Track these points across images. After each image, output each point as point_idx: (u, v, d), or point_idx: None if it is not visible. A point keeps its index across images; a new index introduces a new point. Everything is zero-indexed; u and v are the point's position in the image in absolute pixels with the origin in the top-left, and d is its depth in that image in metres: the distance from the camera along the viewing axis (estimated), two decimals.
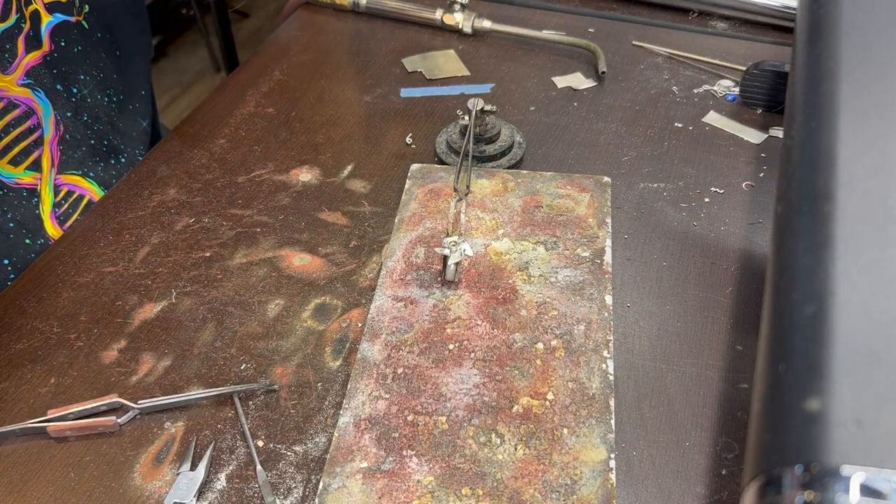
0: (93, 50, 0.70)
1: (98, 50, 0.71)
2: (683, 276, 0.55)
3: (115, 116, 0.74)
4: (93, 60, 0.70)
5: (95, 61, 0.70)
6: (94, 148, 0.71)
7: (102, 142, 0.72)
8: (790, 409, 0.30)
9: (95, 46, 0.70)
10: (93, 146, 0.70)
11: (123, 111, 0.76)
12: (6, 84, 0.62)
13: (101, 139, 0.71)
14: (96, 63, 0.70)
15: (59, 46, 0.66)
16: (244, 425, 0.46)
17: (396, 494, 0.42)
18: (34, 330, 0.53)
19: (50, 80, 0.66)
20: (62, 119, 0.66)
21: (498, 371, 0.48)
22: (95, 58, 0.70)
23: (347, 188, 0.64)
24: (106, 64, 0.72)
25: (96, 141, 0.71)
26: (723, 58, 0.78)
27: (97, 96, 0.70)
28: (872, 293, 0.32)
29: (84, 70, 0.69)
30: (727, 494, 0.43)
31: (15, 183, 0.63)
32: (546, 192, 0.61)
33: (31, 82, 0.64)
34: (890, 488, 0.26)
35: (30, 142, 0.64)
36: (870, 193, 0.36)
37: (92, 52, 0.70)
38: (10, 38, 0.62)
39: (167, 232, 0.60)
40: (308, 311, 0.54)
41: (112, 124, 0.73)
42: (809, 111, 0.43)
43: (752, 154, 0.66)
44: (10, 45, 0.62)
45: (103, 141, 0.72)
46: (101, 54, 0.71)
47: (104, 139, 0.72)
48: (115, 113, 0.74)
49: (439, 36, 0.84)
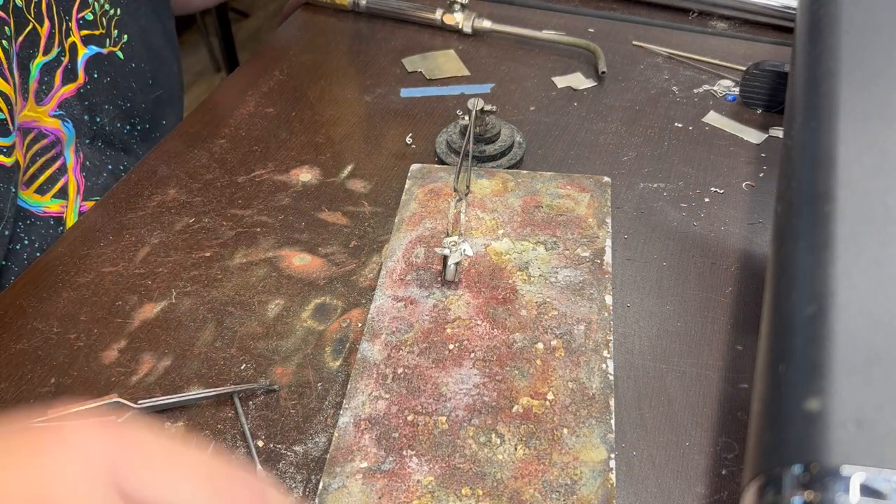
0: (123, 80, 0.70)
1: (129, 80, 0.71)
2: (683, 276, 0.55)
3: (133, 144, 0.74)
4: (121, 91, 0.70)
5: (124, 91, 0.70)
6: (113, 173, 0.71)
7: (119, 167, 0.72)
8: (790, 409, 0.30)
9: (127, 77, 0.70)
10: (112, 171, 0.71)
11: (146, 139, 0.76)
12: (39, 115, 0.62)
13: (118, 164, 0.72)
14: (124, 93, 0.71)
15: (92, 78, 0.67)
16: (244, 425, 0.46)
17: (396, 494, 0.42)
18: (34, 330, 0.53)
19: (79, 111, 0.66)
20: (81, 146, 0.67)
21: (498, 371, 0.48)
22: (125, 88, 0.70)
23: (347, 188, 0.64)
24: (135, 94, 0.72)
25: (114, 166, 0.71)
26: (723, 58, 0.78)
27: (117, 125, 0.71)
28: (872, 293, 0.32)
29: (110, 100, 0.69)
30: (727, 494, 0.43)
31: (42, 212, 0.63)
32: (546, 192, 0.61)
33: (62, 113, 0.64)
34: (890, 488, 0.26)
35: (54, 169, 0.64)
36: (870, 193, 0.36)
37: (122, 83, 0.70)
38: (50, 72, 0.63)
39: (167, 232, 0.60)
40: (308, 311, 0.54)
41: (126, 150, 0.73)
42: (809, 111, 0.43)
43: (752, 154, 0.66)
44: (48, 78, 0.62)
45: (119, 166, 0.72)
46: (131, 84, 0.71)
47: (120, 164, 0.72)
48: (136, 141, 0.74)
49: (439, 36, 0.84)
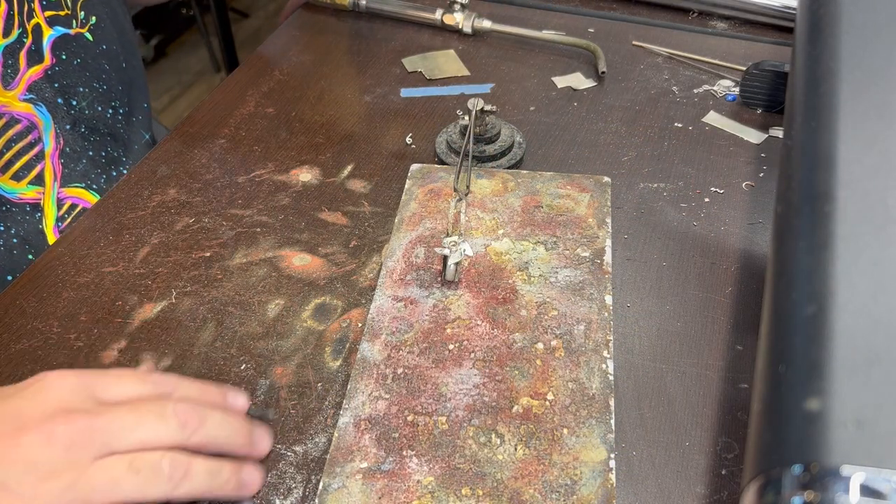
0: (94, 62, 0.69)
1: (101, 62, 0.70)
2: (683, 276, 0.55)
3: (119, 128, 0.73)
4: (94, 73, 0.70)
5: (97, 73, 0.70)
6: (93, 160, 0.70)
7: (101, 153, 0.71)
8: (790, 409, 0.30)
9: (98, 58, 0.70)
10: (92, 157, 0.70)
11: (129, 123, 0.75)
12: (8, 100, 0.62)
13: (100, 150, 0.71)
14: (98, 75, 0.70)
15: (60, 60, 0.66)
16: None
17: (396, 494, 0.42)
18: (34, 330, 0.53)
19: (51, 94, 0.65)
20: (61, 132, 0.66)
21: (498, 371, 0.48)
22: (97, 70, 0.70)
23: (347, 188, 0.64)
24: (110, 76, 0.71)
25: (95, 152, 0.71)
26: (723, 58, 0.78)
27: (97, 108, 0.70)
28: (872, 293, 0.32)
29: (84, 82, 0.68)
30: (727, 494, 0.43)
31: (18, 198, 0.62)
32: (546, 192, 0.61)
33: (32, 97, 0.64)
34: (890, 488, 0.26)
35: (31, 156, 0.64)
36: (870, 193, 0.36)
37: (93, 65, 0.69)
38: (13, 54, 0.62)
39: (167, 232, 0.60)
40: (308, 311, 0.54)
41: (113, 135, 0.73)
42: (809, 111, 0.43)
43: (752, 154, 0.66)
44: (12, 61, 0.62)
45: (101, 152, 0.71)
46: (104, 66, 0.70)
47: (102, 150, 0.72)
48: (121, 125, 0.74)
49: (439, 36, 0.84)
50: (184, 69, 2.27)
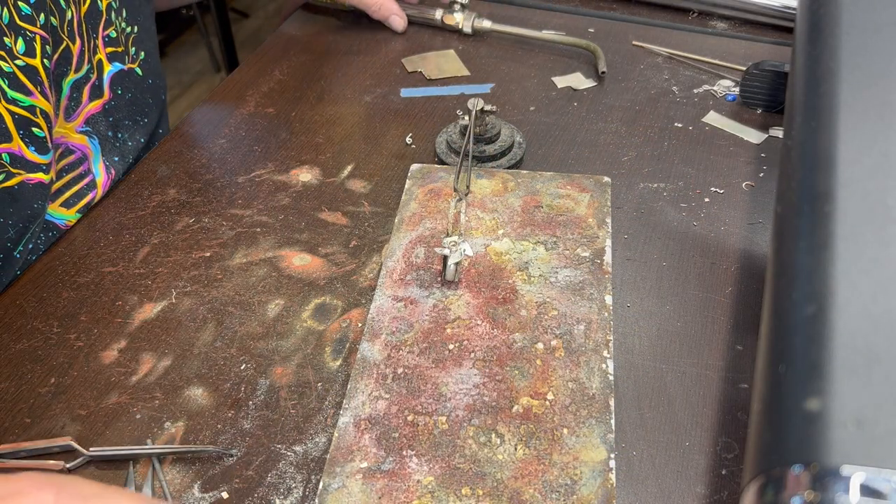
0: (142, 96, 0.71)
1: (147, 97, 0.72)
2: (683, 276, 0.55)
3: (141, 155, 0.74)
4: (139, 107, 0.71)
5: (142, 108, 0.71)
6: None
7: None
8: (790, 409, 0.30)
9: (145, 93, 0.71)
10: None
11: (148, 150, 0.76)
12: (67, 131, 0.63)
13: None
14: (143, 109, 0.71)
15: (116, 94, 0.68)
16: (163, 482, 0.44)
17: (396, 494, 0.42)
18: (34, 330, 0.53)
19: (105, 128, 0.67)
20: (111, 164, 0.67)
21: (498, 371, 0.48)
22: (143, 104, 0.71)
23: (347, 188, 0.64)
24: (151, 109, 0.73)
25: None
26: (723, 58, 0.78)
27: (138, 139, 0.71)
28: (872, 293, 0.32)
29: (130, 116, 0.70)
30: (727, 494, 0.43)
31: (66, 225, 0.63)
32: (546, 192, 0.61)
33: (88, 129, 0.65)
34: (890, 488, 0.26)
35: (82, 186, 0.65)
36: (870, 193, 0.36)
37: (141, 99, 0.71)
38: (78, 88, 0.63)
39: (167, 232, 0.60)
40: (308, 311, 0.54)
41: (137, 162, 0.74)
42: (809, 111, 0.43)
43: (752, 154, 0.66)
44: (76, 94, 0.63)
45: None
46: (148, 100, 0.72)
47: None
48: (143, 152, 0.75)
49: (439, 36, 0.84)
50: (184, 69, 2.27)
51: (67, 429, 0.47)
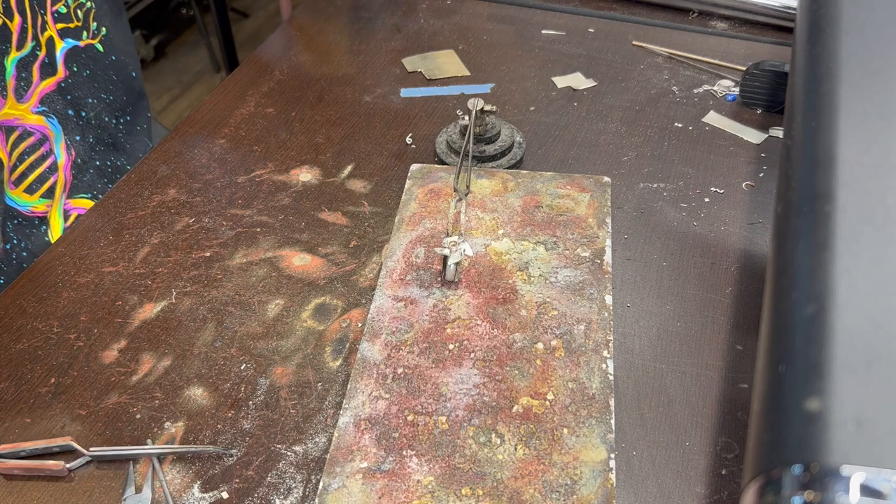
0: (103, 73, 0.70)
1: (110, 73, 0.71)
2: (683, 276, 0.55)
3: (121, 137, 0.74)
4: (102, 84, 0.70)
5: (105, 84, 0.70)
6: (100, 169, 0.71)
7: (106, 162, 0.72)
8: (790, 409, 0.30)
9: (107, 69, 0.70)
10: (98, 167, 0.71)
11: (131, 132, 0.76)
12: (21, 112, 0.62)
13: (105, 160, 0.72)
14: (106, 86, 0.70)
15: (72, 72, 0.67)
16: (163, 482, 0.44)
17: (396, 494, 0.42)
18: (34, 330, 0.53)
19: (63, 106, 0.66)
20: (72, 143, 0.67)
21: (498, 371, 0.48)
22: (105, 81, 0.70)
23: (347, 188, 0.64)
24: (117, 86, 0.72)
25: (101, 162, 0.71)
26: (723, 58, 0.78)
27: (104, 118, 0.71)
28: (872, 293, 0.32)
29: (93, 93, 0.69)
30: (727, 494, 0.43)
31: (30, 212, 0.63)
32: (546, 192, 0.61)
33: (45, 109, 0.64)
34: (890, 488, 0.26)
35: (44, 169, 0.64)
36: (870, 193, 0.36)
37: (102, 76, 0.70)
38: (26, 67, 0.62)
39: (167, 232, 0.60)
40: (308, 311, 0.54)
41: (115, 145, 0.73)
42: (809, 111, 0.43)
43: (752, 154, 0.66)
44: (25, 74, 0.62)
45: (107, 161, 0.72)
46: (112, 76, 0.71)
47: (108, 160, 0.72)
48: (123, 134, 0.74)
49: (439, 36, 0.84)
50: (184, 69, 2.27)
51: (67, 429, 0.47)
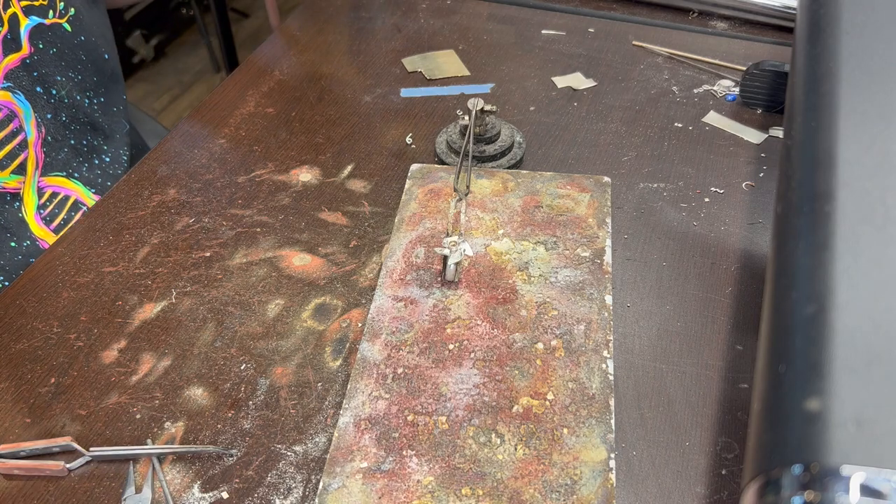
0: (71, 52, 0.70)
1: (78, 52, 0.71)
2: (683, 276, 0.55)
3: (98, 117, 0.74)
4: (70, 62, 0.70)
5: (73, 63, 0.71)
6: (75, 148, 0.71)
7: (82, 142, 0.72)
8: (790, 409, 0.30)
9: (76, 49, 0.70)
10: (74, 146, 0.71)
11: (107, 112, 0.76)
12: None
13: (81, 139, 0.72)
14: (74, 65, 0.71)
15: (38, 49, 0.67)
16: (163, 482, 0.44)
17: (396, 494, 0.42)
18: (34, 330, 0.53)
19: (29, 83, 0.66)
20: (42, 121, 0.67)
21: (498, 371, 0.48)
22: (73, 60, 0.70)
23: (347, 188, 0.64)
24: (86, 66, 0.72)
25: (76, 141, 0.71)
26: (723, 58, 0.78)
27: (76, 97, 0.71)
28: (872, 293, 0.32)
29: (60, 71, 0.69)
30: (727, 494, 0.43)
31: (1, 188, 0.63)
32: (546, 192, 0.61)
33: (10, 85, 0.64)
34: (890, 488, 0.26)
35: (14, 145, 0.64)
36: (870, 193, 0.36)
37: (70, 55, 0.70)
38: None
39: (167, 232, 0.60)
40: (308, 311, 0.54)
41: (92, 124, 0.73)
42: (809, 111, 0.43)
43: (752, 154, 0.66)
44: None
45: (83, 141, 0.72)
46: (81, 56, 0.71)
47: (83, 139, 0.72)
48: (99, 114, 0.74)
49: (439, 36, 0.84)
50: (184, 69, 2.27)
51: (67, 429, 0.47)
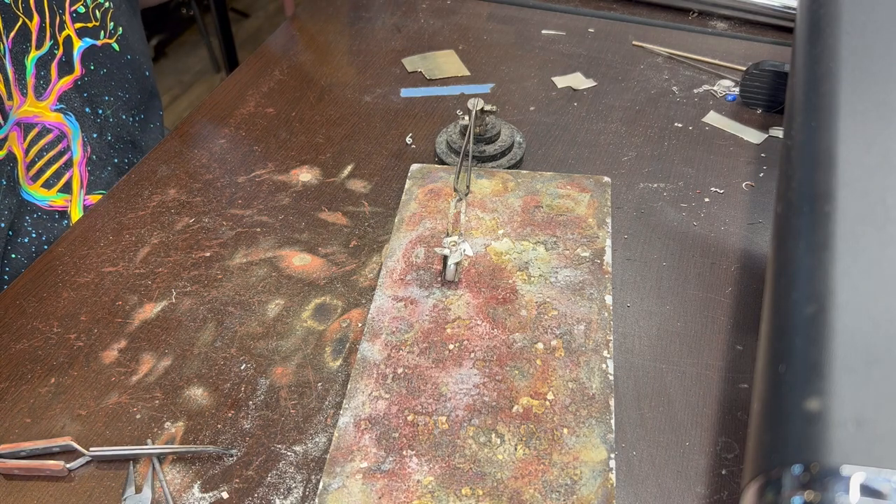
0: (119, 72, 0.71)
1: (125, 72, 0.72)
2: (683, 276, 0.55)
3: (137, 135, 0.75)
4: (118, 82, 0.71)
5: (121, 83, 0.72)
6: (118, 167, 0.73)
7: (124, 160, 0.73)
8: (790, 409, 0.30)
9: (123, 68, 0.72)
10: (116, 165, 0.72)
11: (145, 130, 0.77)
12: (40, 110, 0.64)
13: (123, 157, 0.73)
14: (122, 84, 0.72)
15: (89, 70, 0.68)
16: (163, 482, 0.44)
17: (396, 494, 0.42)
18: (34, 330, 0.53)
19: (80, 104, 0.67)
20: (89, 140, 0.68)
21: (498, 371, 0.48)
22: (121, 79, 0.72)
23: (347, 188, 0.64)
24: (132, 85, 0.73)
25: (119, 160, 0.73)
26: (723, 58, 0.78)
27: (121, 116, 0.72)
28: (872, 293, 0.32)
29: (109, 91, 0.70)
30: (727, 494, 0.43)
31: (48, 206, 0.64)
32: (546, 192, 0.61)
33: (63, 107, 0.66)
34: (890, 488, 0.26)
35: (60, 164, 0.65)
36: (870, 193, 0.36)
37: (118, 74, 0.71)
38: (44, 65, 0.64)
39: (167, 232, 0.60)
40: (308, 311, 0.54)
41: (134, 143, 0.75)
42: (809, 111, 0.43)
43: (752, 154, 0.66)
44: (44, 72, 0.64)
45: (124, 159, 0.74)
46: (127, 76, 0.72)
47: (125, 157, 0.74)
48: (138, 132, 0.75)
49: (439, 36, 0.84)
50: (184, 69, 2.27)
51: (67, 429, 0.47)
